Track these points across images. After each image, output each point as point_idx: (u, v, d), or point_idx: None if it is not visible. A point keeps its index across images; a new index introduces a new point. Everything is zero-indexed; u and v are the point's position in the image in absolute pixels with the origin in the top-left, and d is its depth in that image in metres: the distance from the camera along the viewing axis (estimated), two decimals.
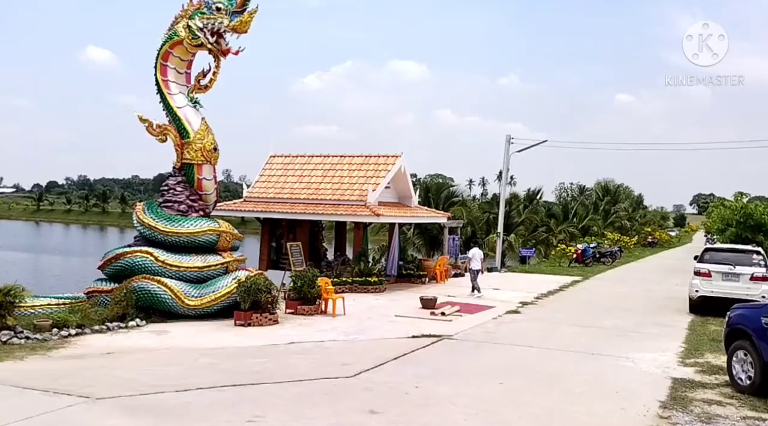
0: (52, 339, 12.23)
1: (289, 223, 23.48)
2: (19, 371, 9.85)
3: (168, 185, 16.37)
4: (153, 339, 12.94)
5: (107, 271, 15.64)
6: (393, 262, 23.96)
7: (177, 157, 16.15)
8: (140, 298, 14.54)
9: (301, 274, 17.00)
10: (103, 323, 13.48)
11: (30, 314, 13.49)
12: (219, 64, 15.92)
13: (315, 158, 24.77)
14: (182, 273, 15.05)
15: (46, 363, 10.62)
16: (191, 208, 16.14)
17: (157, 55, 15.81)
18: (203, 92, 16.29)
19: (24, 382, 9.04)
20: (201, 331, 13.76)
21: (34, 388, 8.78)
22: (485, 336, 14.29)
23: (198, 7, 15.35)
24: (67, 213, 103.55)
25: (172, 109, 15.80)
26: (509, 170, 36.22)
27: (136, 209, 16.24)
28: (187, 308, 14.70)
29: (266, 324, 14.55)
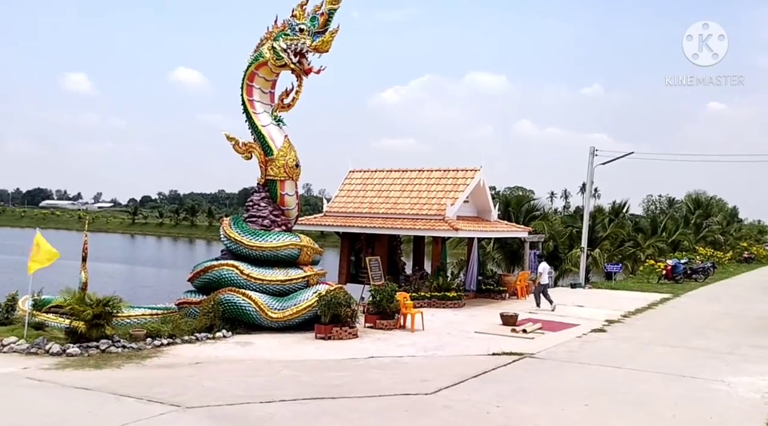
0: (146, 348, 12.87)
1: (368, 237, 23.72)
2: (116, 379, 10.41)
3: (252, 201, 16.94)
4: (238, 350, 13.37)
5: (196, 284, 16.32)
6: (472, 277, 23.71)
7: (261, 174, 16.70)
8: (226, 310, 15.07)
9: (379, 289, 17.11)
10: (192, 334, 14.06)
11: (126, 324, 14.22)
12: (301, 83, 16.39)
13: (393, 173, 24.95)
14: (265, 286, 15.49)
15: (140, 371, 11.18)
16: (274, 222, 16.62)
17: (243, 76, 16.46)
18: (286, 111, 16.80)
19: (120, 390, 9.55)
20: (283, 344, 14.10)
21: (129, 395, 9.26)
22: (569, 355, 13.86)
23: (282, 29, 15.90)
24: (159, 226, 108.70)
25: (257, 127, 16.39)
26: (593, 183, 35.13)
27: (222, 224, 16.89)
28: (270, 321, 15.10)
29: (346, 338, 14.73)
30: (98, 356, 12.08)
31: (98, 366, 11.32)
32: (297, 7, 15.84)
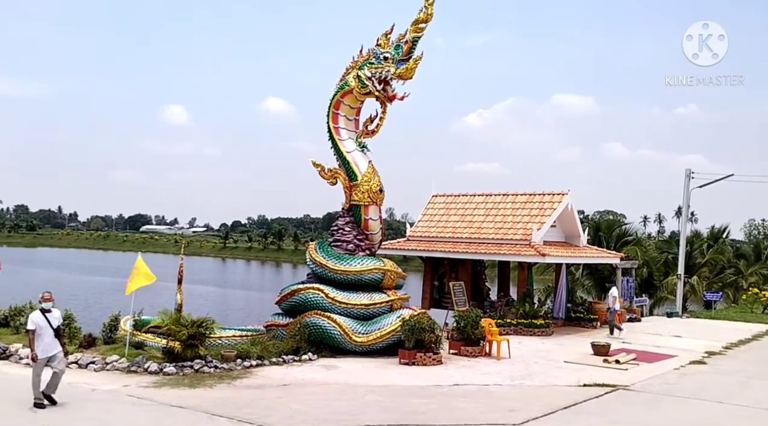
0: (236, 369, 13.26)
1: (452, 262, 23.55)
2: (208, 398, 10.78)
3: (337, 225, 17.25)
4: (323, 373, 13.53)
5: (283, 306, 16.72)
6: (560, 304, 22.99)
7: (346, 199, 17.01)
8: (312, 333, 15.32)
9: (464, 315, 16.89)
10: (279, 356, 14.38)
11: (218, 345, 14.70)
12: (385, 109, 16.66)
13: (477, 197, 24.74)
14: (350, 310, 15.65)
15: (231, 392, 11.52)
16: (358, 247, 16.83)
17: (329, 104, 16.94)
18: (370, 137, 17.10)
19: (213, 409, 9.88)
20: (367, 368, 14.15)
21: (221, 415, 9.57)
22: (665, 388, 13.12)
23: (367, 58, 16.27)
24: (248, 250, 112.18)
25: (342, 153, 16.75)
26: (689, 206, 33.42)
27: (308, 248, 17.27)
28: (354, 344, 15.21)
29: (430, 364, 14.60)
30: (192, 376, 12.56)
31: (192, 385, 11.77)
32: (382, 36, 16.20)
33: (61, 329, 10.13)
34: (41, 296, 10.19)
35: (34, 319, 9.84)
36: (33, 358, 9.73)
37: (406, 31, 15.85)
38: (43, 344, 9.72)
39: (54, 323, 9.90)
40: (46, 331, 9.77)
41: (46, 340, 9.76)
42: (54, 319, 9.96)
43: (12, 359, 13.49)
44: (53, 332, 9.85)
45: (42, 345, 9.71)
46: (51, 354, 9.77)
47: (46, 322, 9.81)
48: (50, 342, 9.79)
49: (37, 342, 9.70)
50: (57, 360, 9.83)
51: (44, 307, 10.00)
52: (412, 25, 15.76)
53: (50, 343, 9.79)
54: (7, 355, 13.67)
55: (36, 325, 9.76)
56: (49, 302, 10.09)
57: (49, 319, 9.85)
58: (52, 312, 10.04)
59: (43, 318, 9.82)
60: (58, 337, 9.96)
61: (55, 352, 9.81)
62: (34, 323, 9.78)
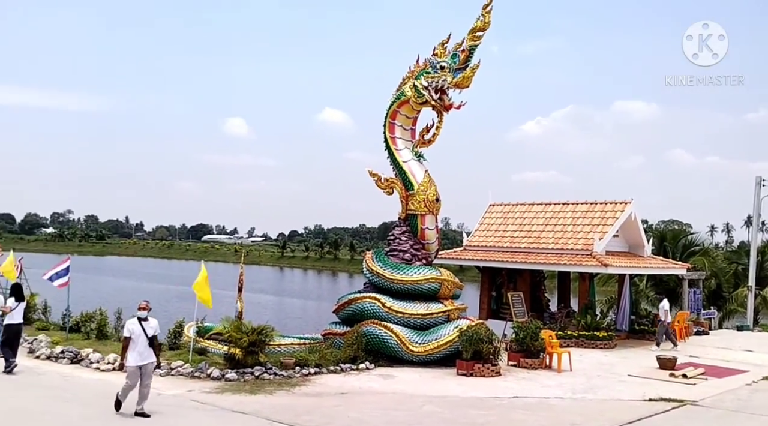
0: (295, 376, 13.43)
1: (510, 272, 23.23)
2: (268, 405, 10.95)
3: (394, 235, 17.29)
4: (380, 382, 13.53)
5: (340, 315, 16.84)
6: (624, 317, 22.29)
7: (402, 208, 17.04)
8: (369, 342, 15.37)
9: (523, 326, 16.60)
10: (337, 364, 14.48)
11: (277, 352, 14.95)
12: (442, 118, 16.64)
13: (536, 206, 24.34)
14: (407, 319, 15.63)
15: (290, 398, 11.67)
16: (415, 256, 16.82)
17: (386, 114, 17.04)
18: (427, 146, 17.10)
19: (272, 416, 10.03)
20: (424, 378, 14.07)
21: (281, 421, 9.70)
22: (737, 404, 12.51)
23: (423, 67, 16.30)
24: (305, 259, 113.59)
25: (399, 163, 16.81)
26: (761, 215, 31.95)
27: (365, 257, 17.36)
28: (411, 354, 15.16)
29: (488, 375, 14.40)
30: (253, 382, 12.79)
31: (253, 391, 11.98)
32: (438, 45, 16.22)
33: (156, 339, 10.07)
34: (138, 305, 10.14)
35: (130, 327, 9.84)
36: (121, 366, 9.78)
37: (463, 40, 15.82)
38: (137, 352, 9.70)
39: (149, 332, 9.85)
40: (140, 339, 9.75)
41: (140, 348, 9.73)
42: (150, 328, 9.90)
43: (83, 363, 14.04)
44: (148, 341, 9.82)
45: (136, 353, 9.70)
46: (144, 363, 9.75)
47: (142, 330, 9.80)
48: (144, 351, 9.76)
49: (130, 350, 9.71)
50: (148, 370, 9.82)
51: (140, 316, 9.94)
52: (469, 34, 15.71)
53: (144, 352, 9.76)
54: (78, 359, 14.24)
55: (131, 333, 9.75)
56: (146, 311, 10.03)
57: (144, 328, 9.83)
58: (149, 321, 9.98)
59: (139, 326, 9.81)
60: (153, 347, 9.93)
61: (147, 362, 9.80)
62: (130, 331, 9.78)
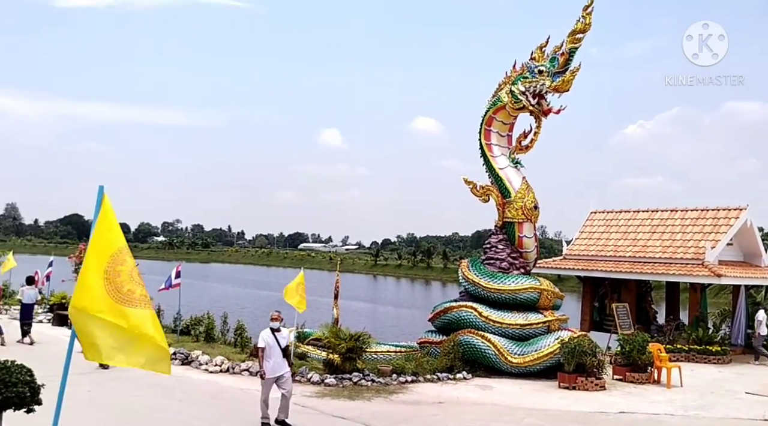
0: (392, 383, 13.49)
1: (613, 283, 22.28)
2: (367, 411, 11.06)
3: (490, 243, 17.03)
4: (479, 393, 13.34)
5: (436, 324, 16.76)
6: (739, 330, 20.80)
7: (498, 216, 16.77)
8: (466, 352, 15.20)
9: (629, 338, 15.85)
10: (433, 373, 14.42)
11: (373, 359, 15.07)
12: (540, 124, 16.27)
13: (641, 213, 23.24)
14: (505, 330, 15.33)
15: (388, 406, 11.72)
16: (512, 265, 16.49)
17: (481, 121, 16.86)
18: (524, 153, 16.76)
19: (372, 422, 10.12)
20: (524, 390, 13.74)
21: None
22: None
23: (520, 72, 16.03)
24: (398, 268, 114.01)
25: (495, 170, 16.57)
26: None
27: (461, 266, 17.21)
28: (509, 365, 14.85)
29: (592, 389, 13.86)
30: (351, 387, 12.97)
31: (351, 397, 12.14)
32: (536, 49, 15.89)
33: (289, 349, 9.95)
34: (271, 315, 10.06)
35: (264, 338, 9.72)
36: (261, 375, 9.78)
37: (562, 43, 15.43)
38: (271, 363, 9.61)
39: (282, 343, 9.75)
40: (274, 350, 9.64)
41: (274, 359, 9.63)
42: (282, 338, 9.80)
43: (193, 365, 14.75)
44: (281, 352, 9.70)
45: (270, 364, 9.61)
46: (279, 374, 9.65)
47: (275, 341, 9.68)
48: (278, 361, 9.66)
49: (265, 361, 9.63)
50: (284, 380, 9.74)
51: (273, 327, 9.84)
52: (569, 36, 15.31)
53: (278, 363, 9.66)
54: (189, 360, 14.98)
55: (266, 344, 9.65)
56: (278, 322, 9.94)
57: (277, 339, 9.71)
58: (281, 331, 9.89)
59: (272, 337, 9.70)
60: (286, 357, 9.84)
61: (283, 372, 9.71)
62: (264, 341, 9.67)
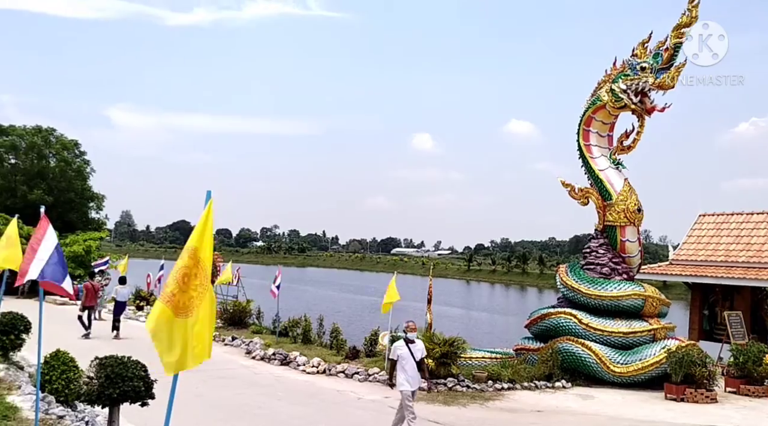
0: (487, 390, 13.30)
1: (725, 289, 20.90)
2: (462, 417, 10.96)
3: (590, 247, 16.45)
4: (579, 402, 12.89)
5: (533, 330, 16.36)
6: None
7: (599, 219, 16.17)
8: (565, 360, 14.74)
9: (743, 349, 14.82)
10: (531, 381, 14.08)
11: (468, 365, 14.92)
12: (643, 123, 15.56)
13: (755, 216, 21.67)
14: (606, 337, 14.74)
15: (483, 412, 11.56)
16: (614, 270, 15.84)
17: (579, 121, 16.33)
18: (626, 153, 16.08)
19: None
20: (627, 401, 13.15)
21: None
22: None
23: (621, 70, 15.41)
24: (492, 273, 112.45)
25: (594, 172, 15.99)
26: None
27: (559, 271, 16.72)
28: (612, 375, 14.26)
29: (702, 401, 13.06)
30: (446, 393, 12.89)
31: (446, 402, 12.07)
32: (638, 45, 15.23)
33: (423, 362, 9.31)
34: (406, 325, 9.43)
35: (399, 350, 9.11)
36: (390, 385, 9.31)
37: (667, 38, 14.71)
38: (405, 376, 8.95)
39: (417, 355, 9.13)
40: (408, 362, 9.01)
41: (408, 372, 8.98)
42: (417, 350, 9.18)
43: (291, 365, 15.19)
44: (416, 364, 9.09)
45: (405, 377, 8.95)
46: (415, 387, 9.04)
47: (410, 353, 9.04)
48: (413, 375, 9.01)
49: (399, 373, 9.01)
50: (415, 397, 9.08)
51: (410, 337, 9.25)
52: (674, 31, 14.58)
53: (413, 376, 9.00)
54: (287, 361, 15.44)
55: (399, 356, 9.06)
56: (414, 332, 9.35)
57: (412, 351, 9.08)
58: (416, 343, 9.25)
59: (406, 348, 9.06)
60: (420, 370, 9.18)
61: (417, 387, 9.10)
62: (398, 354, 9.08)
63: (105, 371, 6.51)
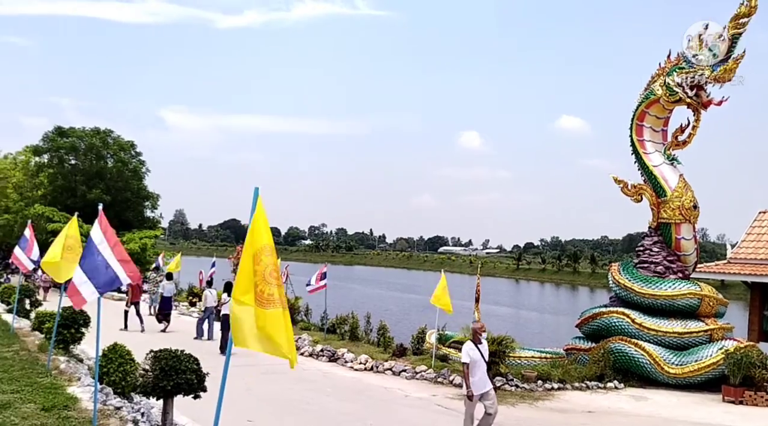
0: (537, 390, 13.11)
1: None
2: (511, 416, 10.82)
3: (644, 245, 16.03)
4: (632, 404, 12.59)
5: (584, 330, 16.05)
6: None
7: (653, 217, 15.75)
8: (617, 360, 14.42)
9: None
10: (582, 381, 13.82)
11: (516, 364, 14.76)
12: (699, 117, 15.07)
13: None
14: (660, 338, 14.35)
15: (533, 412, 11.40)
16: (669, 269, 15.41)
17: (632, 116, 15.92)
18: (681, 148, 15.60)
19: None
20: (683, 403, 12.77)
21: None
22: None
23: (676, 62, 14.95)
24: (542, 272, 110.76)
25: (648, 168, 15.58)
26: None
27: (611, 270, 16.35)
28: (666, 376, 13.88)
29: (762, 404, 12.58)
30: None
31: None
32: (694, 37, 14.73)
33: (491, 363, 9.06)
34: (479, 326, 9.03)
35: (468, 352, 8.71)
36: (469, 395, 8.59)
37: (724, 29, 14.17)
38: (475, 379, 8.60)
39: (487, 357, 8.88)
40: (479, 364, 8.68)
41: (478, 374, 8.65)
42: (486, 351, 8.93)
43: (339, 362, 15.32)
44: (486, 366, 8.82)
45: (474, 380, 8.60)
46: (484, 390, 8.68)
47: (480, 355, 8.71)
48: (483, 377, 8.70)
49: (470, 377, 8.60)
50: (490, 398, 8.73)
51: (483, 338, 8.96)
52: (731, 21, 14.05)
53: (483, 379, 8.70)
54: (335, 357, 15.58)
55: (471, 359, 8.65)
56: (484, 333, 9.06)
57: (482, 352, 8.76)
58: (483, 344, 8.95)
59: (476, 350, 8.71)
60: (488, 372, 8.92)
61: (487, 389, 8.74)
62: (469, 356, 8.67)
63: (159, 364, 6.71)
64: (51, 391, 7.65)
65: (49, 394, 7.48)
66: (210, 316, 18.46)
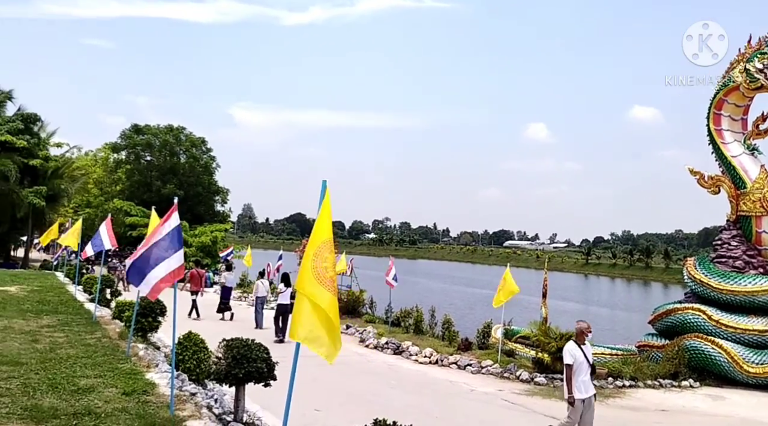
0: (607, 387, 12.78)
1: None
2: None
3: (721, 239, 15.35)
4: (708, 403, 12.10)
5: (657, 326, 15.53)
6: None
7: (731, 209, 15.05)
8: (692, 358, 13.89)
9: None
10: (655, 379, 13.39)
11: None
12: None
13: None
14: (739, 335, 13.72)
15: (603, 410, 11.10)
16: (749, 264, 14.69)
17: (710, 105, 15.25)
18: (762, 138, 14.86)
19: None
20: (762, 403, 12.20)
21: None
22: None
23: (757, 47, 14.21)
24: (612, 267, 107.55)
25: (726, 158, 14.90)
26: None
27: (686, 265, 15.75)
28: (745, 375, 13.27)
29: None
30: (562, 388, 12.46)
31: (563, 397, 11.69)
32: None
33: (594, 366, 8.34)
34: (584, 326, 8.32)
35: (572, 352, 8.07)
36: (571, 401, 7.97)
37: None
38: (578, 382, 7.97)
39: (591, 358, 8.22)
40: (583, 366, 8.03)
41: (581, 377, 8.00)
42: (590, 353, 8.28)
43: (404, 354, 15.39)
44: (590, 369, 8.12)
45: (577, 383, 7.97)
46: (588, 395, 8.05)
47: (584, 356, 8.07)
48: (586, 380, 8.05)
49: (573, 379, 8.00)
50: (589, 404, 8.09)
51: (588, 339, 8.36)
52: None
53: (586, 382, 8.05)
54: (400, 350, 15.66)
55: (574, 359, 8.00)
56: (590, 334, 8.36)
57: (585, 353, 8.11)
58: (586, 344, 8.29)
59: (581, 352, 8.07)
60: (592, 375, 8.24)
61: (590, 395, 8.09)
62: (572, 356, 8.02)
63: (232, 352, 6.95)
64: (131, 377, 8.05)
65: (129, 380, 7.87)
66: (260, 306, 18.93)
